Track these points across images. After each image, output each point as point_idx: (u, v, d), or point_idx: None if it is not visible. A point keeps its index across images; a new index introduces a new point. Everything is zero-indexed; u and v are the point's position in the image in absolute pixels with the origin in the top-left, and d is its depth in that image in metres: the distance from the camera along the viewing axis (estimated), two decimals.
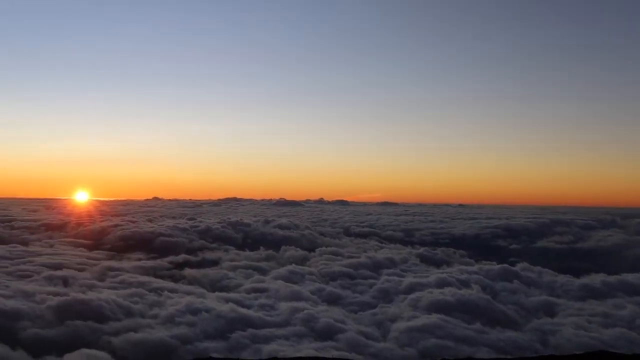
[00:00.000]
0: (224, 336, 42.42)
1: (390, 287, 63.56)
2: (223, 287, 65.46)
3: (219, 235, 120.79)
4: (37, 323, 44.66)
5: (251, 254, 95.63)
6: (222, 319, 45.94)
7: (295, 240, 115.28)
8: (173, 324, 45.11)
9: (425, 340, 42.48)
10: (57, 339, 41.66)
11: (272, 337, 42.37)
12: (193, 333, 42.87)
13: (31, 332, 42.69)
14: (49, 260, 79.55)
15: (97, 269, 74.06)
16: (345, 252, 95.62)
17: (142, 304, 51.79)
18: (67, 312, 46.29)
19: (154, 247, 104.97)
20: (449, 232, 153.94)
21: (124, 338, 41.41)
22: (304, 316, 47.38)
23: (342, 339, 42.43)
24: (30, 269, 70.73)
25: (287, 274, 71.03)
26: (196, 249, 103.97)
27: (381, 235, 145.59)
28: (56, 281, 62.26)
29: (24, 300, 49.97)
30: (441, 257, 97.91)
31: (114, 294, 54.23)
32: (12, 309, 46.41)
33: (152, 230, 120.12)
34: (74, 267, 73.70)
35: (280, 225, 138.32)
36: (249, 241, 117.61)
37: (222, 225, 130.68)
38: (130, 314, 48.42)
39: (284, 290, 59.60)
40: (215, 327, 44.46)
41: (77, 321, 44.31)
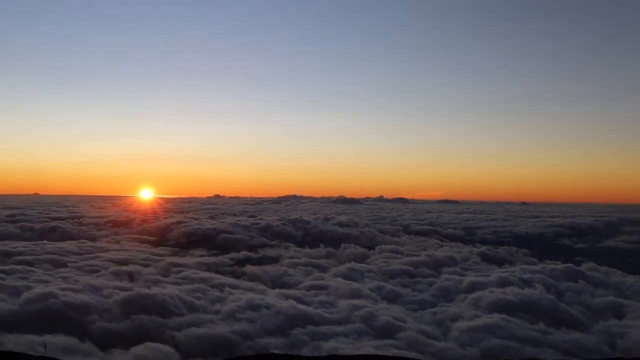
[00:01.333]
0: (284, 333, 42.79)
1: (451, 286, 62.81)
2: (283, 283, 66.07)
3: (279, 233, 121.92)
4: (104, 317, 46.12)
5: (311, 251, 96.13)
6: (282, 315, 46.35)
7: (354, 238, 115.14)
8: (234, 319, 45.79)
9: (487, 340, 41.82)
10: (123, 332, 42.91)
11: (331, 335, 42.49)
12: (253, 329, 43.41)
13: (99, 325, 44.09)
14: (116, 255, 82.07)
15: (161, 264, 75.93)
16: (405, 250, 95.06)
17: (205, 300, 52.79)
18: (132, 307, 47.65)
19: (215, 244, 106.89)
20: (512, 230, 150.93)
21: (187, 333, 42.29)
22: (364, 314, 47.30)
23: (401, 338, 42.19)
24: (98, 264, 73.12)
25: (347, 271, 71.04)
26: (257, 246, 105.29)
27: (441, 233, 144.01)
28: (122, 276, 64.14)
29: (92, 295, 51.64)
30: (503, 255, 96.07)
31: (178, 289, 55.47)
32: (81, 303, 48.04)
33: (214, 227, 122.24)
34: (140, 263, 75.75)
35: (340, 223, 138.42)
36: (308, 238, 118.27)
37: (282, 223, 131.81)
38: (193, 309, 49.39)
39: (343, 287, 59.68)
40: (275, 323, 44.88)
41: (142, 315, 45.56)
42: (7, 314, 45.01)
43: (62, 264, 72.10)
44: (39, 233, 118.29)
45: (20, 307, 46.62)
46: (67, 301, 47.63)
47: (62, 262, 73.77)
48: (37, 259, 74.14)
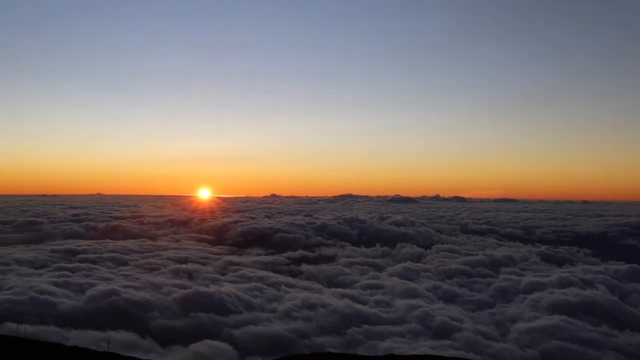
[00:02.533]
0: (339, 332, 42.88)
1: (509, 286, 61.70)
2: (339, 282, 66.18)
3: (334, 232, 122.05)
4: (164, 314, 47.20)
5: (367, 251, 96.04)
6: (338, 314, 46.45)
7: (410, 237, 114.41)
8: (290, 318, 46.15)
9: (547, 342, 40.94)
10: (182, 329, 43.81)
11: (387, 334, 42.35)
12: (309, 328, 43.65)
13: (159, 322, 45.16)
14: (175, 254, 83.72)
15: (219, 263, 77.07)
16: (462, 250, 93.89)
17: (261, 298, 53.34)
18: (191, 304, 48.59)
19: (272, 243, 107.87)
20: (573, 229, 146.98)
21: (244, 331, 42.83)
22: (420, 314, 46.99)
23: (459, 338, 41.72)
24: (157, 262, 74.77)
25: (403, 270, 70.66)
26: (313, 245, 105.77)
27: (500, 232, 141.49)
28: (181, 274, 65.44)
29: (153, 292, 52.92)
30: (564, 255, 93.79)
31: (235, 287, 56.23)
32: (142, 300, 49.30)
33: (271, 227, 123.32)
34: (198, 261, 77.10)
35: (396, 222, 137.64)
36: (364, 237, 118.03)
37: (337, 222, 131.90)
38: (250, 307, 49.99)
39: (399, 287, 59.39)
40: (331, 322, 45.03)
41: (200, 313, 46.41)
42: (72, 310, 46.57)
43: (123, 262, 74.08)
44: (101, 232, 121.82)
45: (84, 304, 48.17)
46: (129, 298, 48.94)
47: (124, 260, 75.79)
48: (100, 257, 76.38)
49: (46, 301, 48.03)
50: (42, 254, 78.93)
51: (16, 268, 66.32)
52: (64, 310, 46.53)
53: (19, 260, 71.51)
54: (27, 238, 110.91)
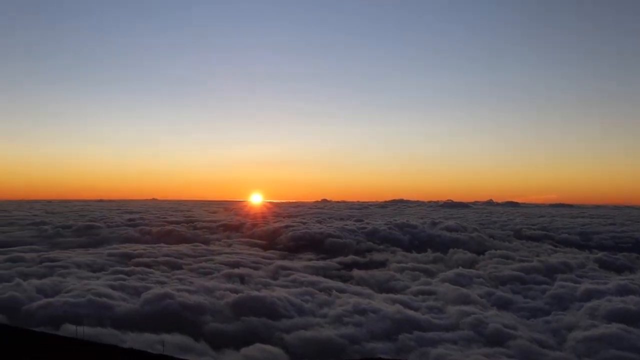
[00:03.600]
0: (390, 337, 42.67)
1: (565, 294, 60.27)
2: (390, 288, 65.84)
3: (386, 237, 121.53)
4: (217, 317, 47.86)
5: (418, 256, 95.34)
6: (389, 320, 46.24)
7: (463, 243, 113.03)
8: (341, 323, 46.13)
9: (605, 352, 39.81)
10: (234, 333, 44.32)
11: (439, 341, 41.93)
12: (360, 333, 43.56)
13: (212, 326, 45.80)
14: (228, 258, 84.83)
15: (270, 267, 77.69)
16: (516, 256, 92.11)
17: (312, 303, 53.49)
18: (243, 308, 49.10)
19: (323, 248, 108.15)
20: (632, 235, 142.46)
21: (295, 335, 43.04)
22: (473, 320, 46.37)
23: (513, 346, 40.99)
24: (211, 266, 75.94)
25: (455, 276, 69.86)
26: (364, 250, 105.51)
27: (555, 238, 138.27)
28: (234, 278, 66.23)
29: (206, 296, 53.73)
30: (623, 262, 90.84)
31: (286, 292, 56.58)
32: (195, 304, 50.12)
33: (322, 232, 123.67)
34: (250, 266, 77.88)
35: (448, 227, 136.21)
36: (416, 243, 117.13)
37: (389, 227, 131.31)
38: (302, 312, 50.22)
39: (451, 293, 58.76)
40: (382, 328, 44.85)
41: (252, 317, 46.87)
42: (128, 313, 47.71)
43: (177, 266, 75.49)
44: (156, 236, 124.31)
45: (140, 307, 49.28)
46: (183, 302, 49.82)
47: (178, 264, 77.22)
48: (154, 261, 78.05)
49: (103, 304, 49.31)
50: (100, 258, 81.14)
51: (75, 271, 68.37)
52: (120, 312, 47.69)
53: (78, 264, 73.67)
54: (86, 242, 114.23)
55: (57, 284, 58.77)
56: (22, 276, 62.18)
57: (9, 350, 13.32)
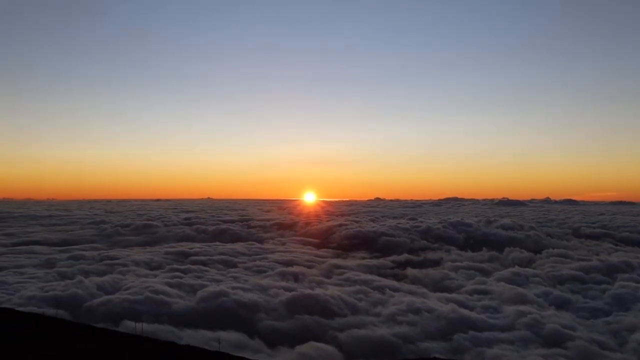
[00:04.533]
0: (445, 337, 42.27)
1: (627, 294, 58.44)
2: (445, 287, 65.15)
3: (440, 235, 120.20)
4: (271, 315, 48.32)
5: (473, 255, 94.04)
6: (444, 319, 45.81)
7: (519, 241, 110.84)
8: (395, 322, 45.95)
9: None
10: (288, 331, 44.66)
11: (495, 341, 41.32)
12: (414, 332, 43.29)
13: (267, 323, 46.27)
14: (281, 257, 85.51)
15: (324, 266, 77.92)
16: (574, 255, 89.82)
17: (366, 302, 53.41)
18: (297, 306, 49.44)
19: (376, 246, 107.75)
20: None
21: (349, 334, 43.07)
22: (529, 320, 45.48)
23: (571, 347, 40.03)
24: (265, 264, 76.66)
25: (511, 275, 68.66)
26: (418, 249, 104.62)
27: (616, 236, 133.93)
28: (288, 277, 66.69)
29: (260, 294, 54.34)
30: None
31: (340, 290, 56.70)
32: (250, 302, 50.74)
33: (375, 230, 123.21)
34: (304, 264, 78.30)
35: (504, 226, 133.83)
36: (470, 242, 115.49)
37: (443, 225, 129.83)
38: (355, 310, 50.22)
39: (507, 292, 57.78)
40: (436, 327, 44.47)
41: (305, 315, 47.14)
42: (184, 310, 48.66)
43: (232, 264, 76.49)
44: (211, 235, 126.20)
45: (196, 304, 50.20)
46: (238, 299, 50.51)
47: (233, 262, 78.23)
48: (210, 259, 79.28)
49: (161, 301, 50.47)
50: (157, 256, 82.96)
51: (134, 269, 70.13)
52: (177, 309, 48.68)
53: (136, 262, 75.55)
54: (143, 240, 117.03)
55: (117, 281, 60.42)
56: (83, 273, 64.18)
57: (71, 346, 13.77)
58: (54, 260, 78.80)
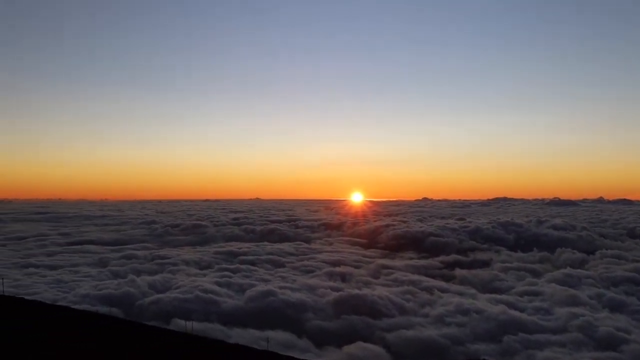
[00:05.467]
0: (495, 339, 41.71)
1: None
2: (494, 288, 64.28)
3: (489, 236, 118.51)
4: (318, 315, 48.52)
5: (524, 256, 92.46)
6: (493, 321, 45.22)
7: (571, 242, 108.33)
8: (443, 323, 45.59)
9: None
10: (336, 331, 44.76)
11: (546, 343, 40.58)
12: (463, 334, 42.88)
13: (314, 323, 46.48)
14: (329, 257, 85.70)
15: (371, 266, 77.78)
16: (629, 256, 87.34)
17: (414, 302, 53.15)
18: (344, 307, 49.50)
19: (424, 247, 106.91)
20: None
21: (397, 334, 42.92)
22: (582, 323, 44.48)
23: (626, 351, 38.99)
24: (312, 264, 76.99)
25: (563, 277, 67.23)
26: (466, 249, 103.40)
27: None
28: (335, 277, 66.85)
29: (308, 294, 54.62)
30: None
31: (387, 291, 56.53)
32: (298, 301, 51.06)
33: (423, 230, 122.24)
34: (351, 264, 78.32)
35: (555, 226, 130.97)
36: (521, 242, 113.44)
37: (492, 226, 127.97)
38: (403, 311, 50.01)
39: (559, 294, 56.63)
40: (485, 329, 43.93)
41: (353, 315, 47.17)
42: (233, 309, 49.26)
43: (280, 264, 77.07)
44: (259, 235, 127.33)
45: (244, 304, 50.78)
46: (285, 299, 50.88)
47: (281, 262, 78.81)
48: (258, 259, 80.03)
49: (210, 300, 51.22)
50: (206, 255, 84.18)
51: (184, 268, 71.39)
52: (226, 308, 49.33)
53: (186, 261, 76.87)
54: (193, 240, 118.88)
55: (167, 280, 61.61)
56: (135, 272, 65.65)
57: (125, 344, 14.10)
58: (107, 259, 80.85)
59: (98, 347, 13.25)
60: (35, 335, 13.53)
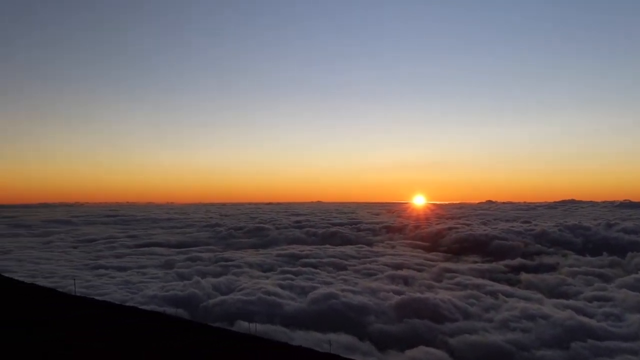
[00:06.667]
0: (561, 345, 40.65)
1: None
2: (561, 293, 62.69)
3: (556, 239, 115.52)
4: (380, 318, 48.41)
5: (592, 260, 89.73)
6: (560, 327, 44.10)
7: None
8: (508, 328, 44.76)
9: None
10: (398, 334, 44.56)
11: (617, 350, 39.27)
12: (529, 339, 41.97)
13: (376, 326, 46.40)
14: (391, 260, 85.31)
15: (434, 270, 77.07)
16: None
17: (478, 307, 52.37)
18: (406, 310, 49.24)
19: (488, 250, 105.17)
20: None
21: (460, 339, 42.40)
22: None
23: None
24: (374, 267, 76.87)
25: (635, 282, 64.91)
26: (532, 253, 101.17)
27: None
28: (397, 280, 66.55)
29: (370, 297, 54.58)
30: None
31: (450, 295, 55.90)
32: (359, 304, 51.09)
33: (487, 234, 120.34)
34: (413, 268, 77.83)
35: (625, 229, 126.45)
36: (589, 246, 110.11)
37: (559, 229, 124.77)
38: (467, 315, 49.36)
39: (631, 299, 54.75)
40: (552, 334, 42.88)
41: (415, 319, 46.86)
42: (296, 311, 49.69)
43: (342, 267, 77.24)
44: (321, 238, 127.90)
45: (307, 306, 51.15)
46: (347, 302, 50.99)
47: (343, 265, 78.99)
48: (320, 262, 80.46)
49: (273, 302, 51.84)
50: (269, 258, 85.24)
51: (247, 270, 72.52)
52: (289, 311, 49.82)
53: (249, 264, 78.03)
54: (256, 243, 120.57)
55: (231, 282, 62.69)
56: (200, 274, 67.09)
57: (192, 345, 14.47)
58: (173, 261, 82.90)
59: (165, 347, 13.64)
60: (105, 336, 14.04)
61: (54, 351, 11.47)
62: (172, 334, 15.85)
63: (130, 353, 12.50)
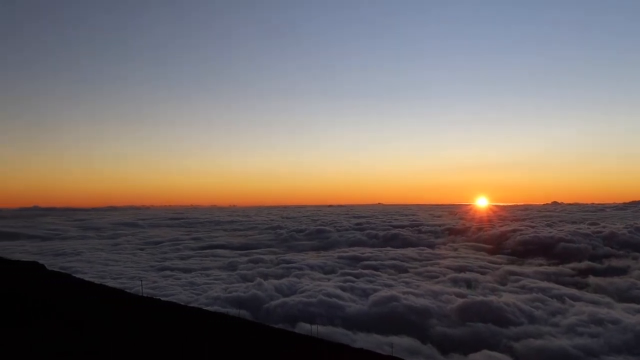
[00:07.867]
0: (632, 351, 39.35)
1: None
2: (632, 297, 60.66)
3: (626, 242, 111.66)
4: (443, 321, 47.95)
5: None
6: (631, 332, 42.67)
7: None
8: (575, 333, 43.62)
9: None
10: (461, 338, 44.04)
11: None
12: (597, 345, 40.78)
13: (439, 329, 45.99)
14: (453, 262, 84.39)
15: (498, 272, 75.79)
16: None
17: (543, 310, 51.26)
18: (469, 313, 48.62)
19: (554, 253, 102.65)
20: None
21: (524, 343, 41.58)
22: None
23: None
24: (436, 270, 76.17)
25: None
26: (601, 256, 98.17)
27: None
28: (460, 283, 65.79)
29: (432, 299, 54.14)
30: None
31: (515, 298, 54.89)
32: (421, 307, 50.74)
33: (552, 236, 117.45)
34: (476, 270, 76.76)
35: None
36: None
37: (629, 231, 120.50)
38: (532, 319, 48.36)
39: None
40: (622, 340, 41.53)
41: (478, 323, 46.20)
42: (357, 314, 49.73)
43: (403, 270, 76.87)
44: (382, 240, 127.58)
45: (368, 308, 51.13)
46: (409, 305, 50.71)
47: (404, 267, 78.62)
48: (381, 264, 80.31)
49: (334, 304, 52.02)
50: (330, 260, 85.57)
51: (308, 273, 73.01)
52: (350, 313, 49.90)
53: (311, 266, 78.53)
54: (317, 245, 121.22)
55: (293, 284, 63.22)
56: (262, 276, 67.99)
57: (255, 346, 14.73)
58: (235, 263, 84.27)
59: (229, 348, 13.94)
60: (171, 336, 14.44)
61: (122, 350, 11.90)
62: (235, 335, 16.18)
63: (195, 353, 12.84)
